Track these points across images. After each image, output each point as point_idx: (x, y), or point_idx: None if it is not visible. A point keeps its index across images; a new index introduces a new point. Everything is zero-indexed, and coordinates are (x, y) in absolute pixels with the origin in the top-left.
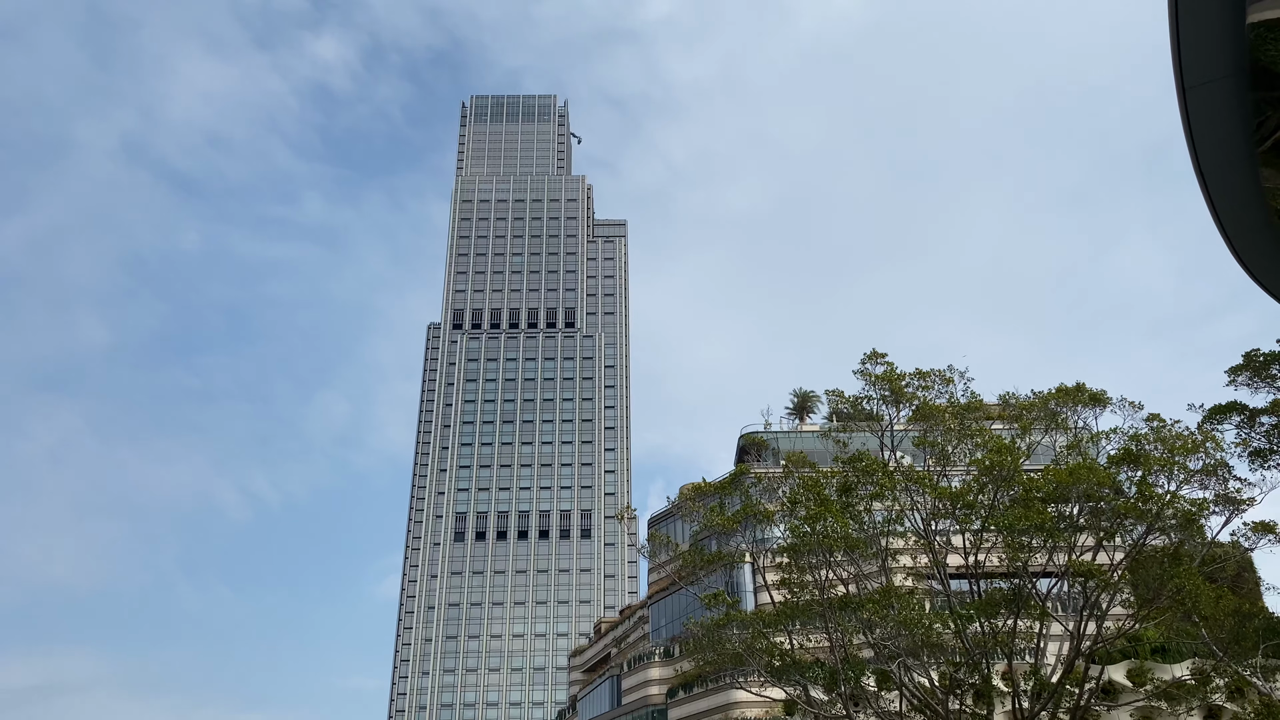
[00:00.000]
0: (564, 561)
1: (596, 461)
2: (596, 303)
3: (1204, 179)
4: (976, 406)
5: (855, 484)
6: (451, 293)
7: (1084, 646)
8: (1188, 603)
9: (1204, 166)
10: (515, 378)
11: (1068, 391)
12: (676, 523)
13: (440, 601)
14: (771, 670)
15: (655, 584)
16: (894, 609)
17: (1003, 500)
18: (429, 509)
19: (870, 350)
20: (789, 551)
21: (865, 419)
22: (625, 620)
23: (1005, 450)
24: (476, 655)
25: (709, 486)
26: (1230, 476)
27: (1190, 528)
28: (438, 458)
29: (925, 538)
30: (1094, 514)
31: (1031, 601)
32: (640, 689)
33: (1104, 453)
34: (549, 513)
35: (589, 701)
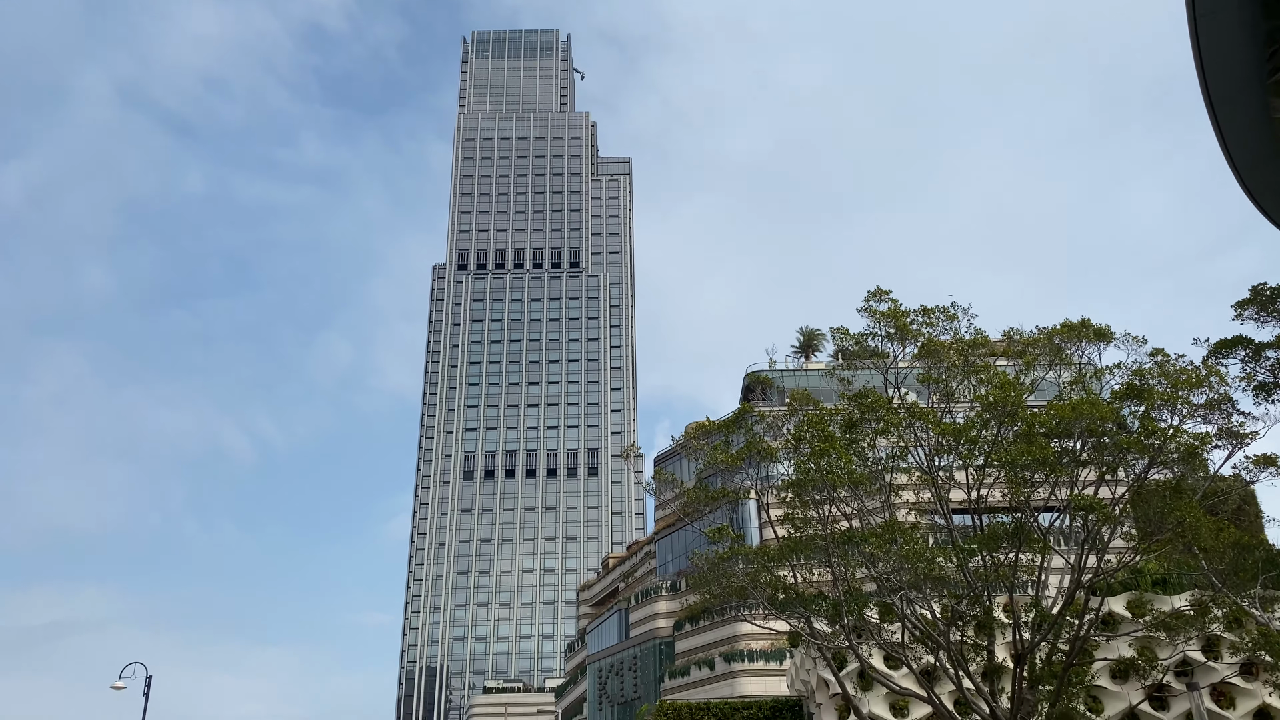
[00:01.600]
0: (571, 499)
1: (602, 401)
2: (601, 242)
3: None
4: (981, 343)
5: (859, 421)
6: (455, 232)
7: (1084, 579)
8: (1188, 535)
9: (1213, 96)
10: (521, 318)
11: (1072, 327)
12: (682, 461)
13: (450, 539)
14: (776, 603)
15: (661, 520)
16: (897, 543)
17: (1006, 436)
18: (438, 448)
19: (875, 287)
20: (793, 487)
21: (870, 356)
22: (632, 556)
23: (1009, 386)
24: (487, 590)
25: (714, 425)
26: (1234, 411)
27: (1192, 462)
28: (445, 398)
29: (928, 473)
30: (1096, 448)
31: (1033, 535)
32: (648, 622)
33: (1107, 388)
34: (556, 451)
35: (598, 634)
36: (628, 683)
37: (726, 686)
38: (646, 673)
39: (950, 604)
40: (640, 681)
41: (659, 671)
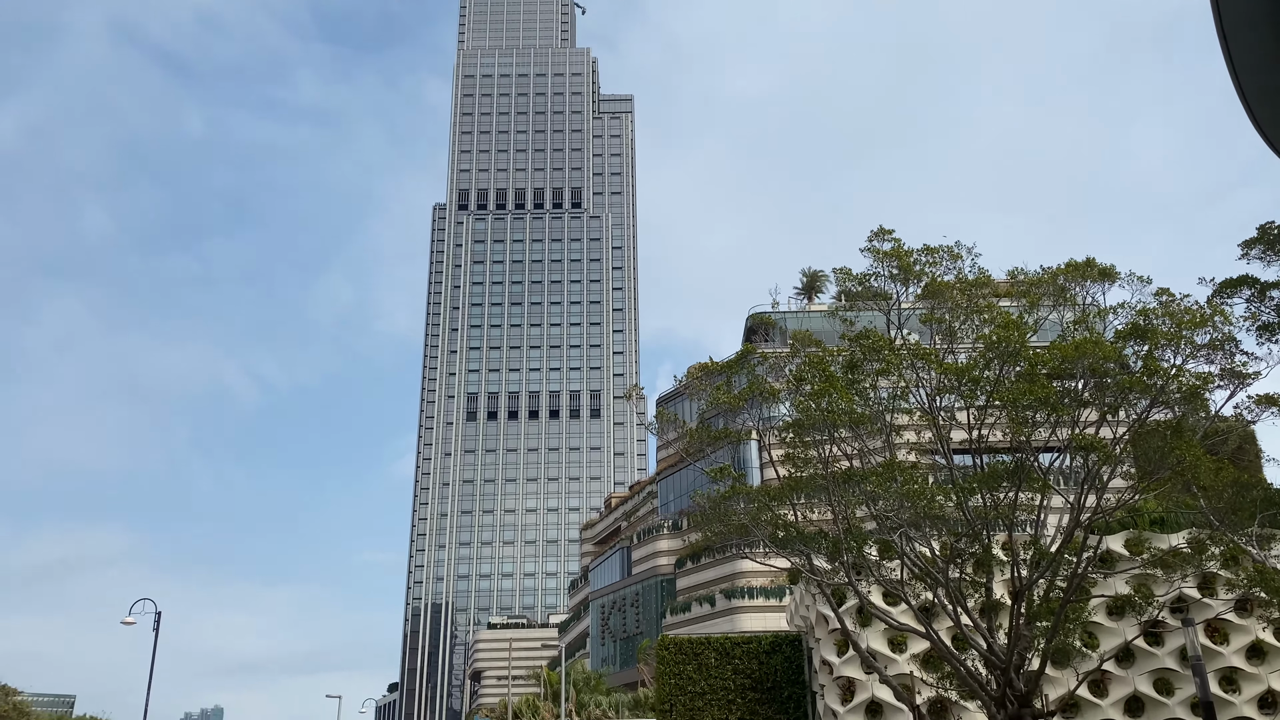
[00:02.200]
0: (574, 440)
1: (605, 343)
2: (603, 182)
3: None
4: (984, 282)
5: (861, 361)
6: (456, 172)
7: (1083, 518)
8: (1188, 474)
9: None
10: (522, 259)
11: (1077, 266)
12: (684, 402)
13: (454, 479)
14: (776, 541)
15: (663, 461)
16: (897, 482)
17: (1008, 376)
18: (440, 390)
19: (878, 227)
20: (794, 427)
21: (872, 298)
22: (635, 495)
23: (1012, 326)
24: (491, 529)
25: (716, 366)
26: (1237, 351)
27: (1194, 401)
28: (447, 339)
29: (930, 413)
30: (1098, 388)
31: (1033, 475)
32: (650, 560)
33: (1111, 328)
34: (559, 393)
35: (600, 571)
36: (630, 618)
37: (727, 622)
38: (648, 609)
39: (949, 542)
40: (642, 617)
41: (660, 608)
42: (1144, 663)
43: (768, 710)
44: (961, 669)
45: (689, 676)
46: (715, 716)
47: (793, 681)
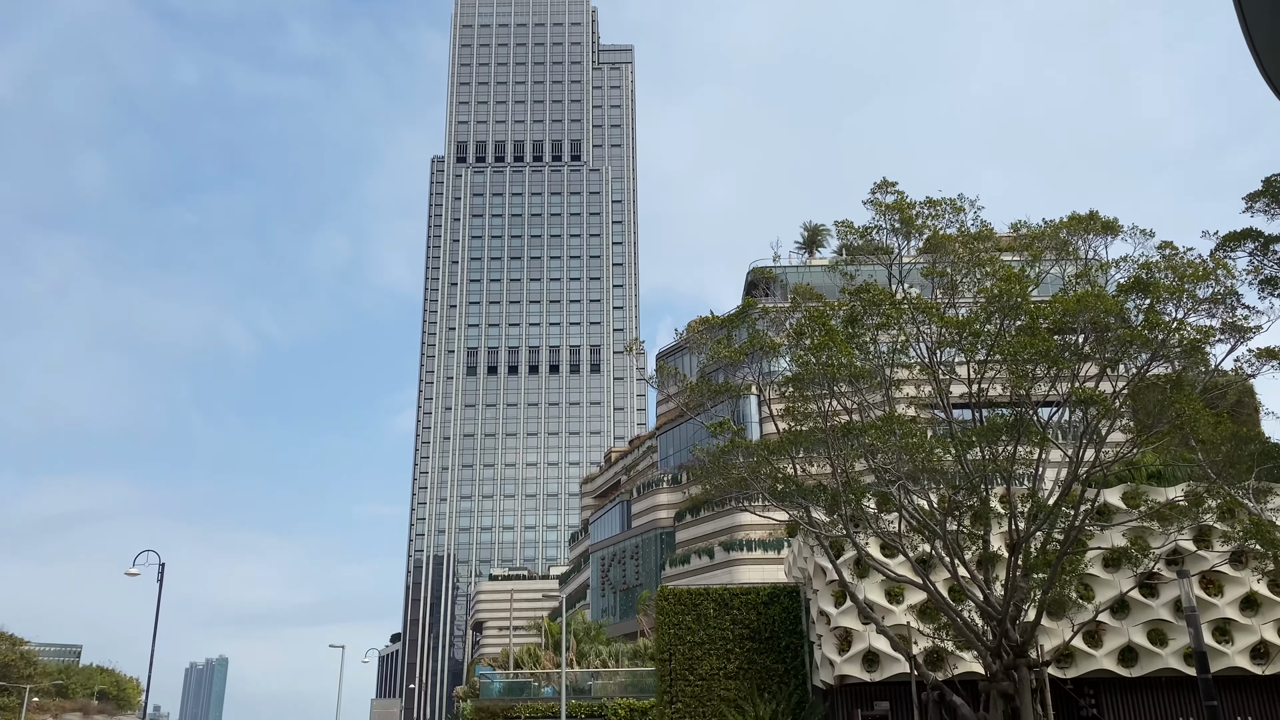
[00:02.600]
0: (574, 395)
1: (605, 298)
2: (602, 134)
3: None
4: (986, 235)
5: (861, 315)
6: (454, 124)
7: (1081, 472)
8: (1187, 427)
9: None
10: (522, 213)
11: (1079, 219)
12: (684, 356)
13: (455, 433)
14: (775, 494)
15: (663, 415)
16: (895, 435)
17: (1009, 329)
18: (440, 344)
19: (881, 179)
20: (793, 381)
21: (874, 251)
22: (634, 450)
23: (1014, 279)
24: (491, 483)
25: (717, 320)
26: (1238, 304)
27: (1194, 355)
28: (447, 293)
29: (929, 367)
30: (1099, 341)
31: (1032, 428)
32: (649, 513)
33: (1113, 281)
34: (559, 348)
35: (600, 524)
36: (629, 570)
37: (726, 574)
38: (648, 561)
39: (948, 495)
40: (641, 569)
41: (660, 560)
42: (1138, 614)
43: (765, 659)
44: (958, 620)
45: (688, 626)
46: (713, 665)
47: (790, 632)
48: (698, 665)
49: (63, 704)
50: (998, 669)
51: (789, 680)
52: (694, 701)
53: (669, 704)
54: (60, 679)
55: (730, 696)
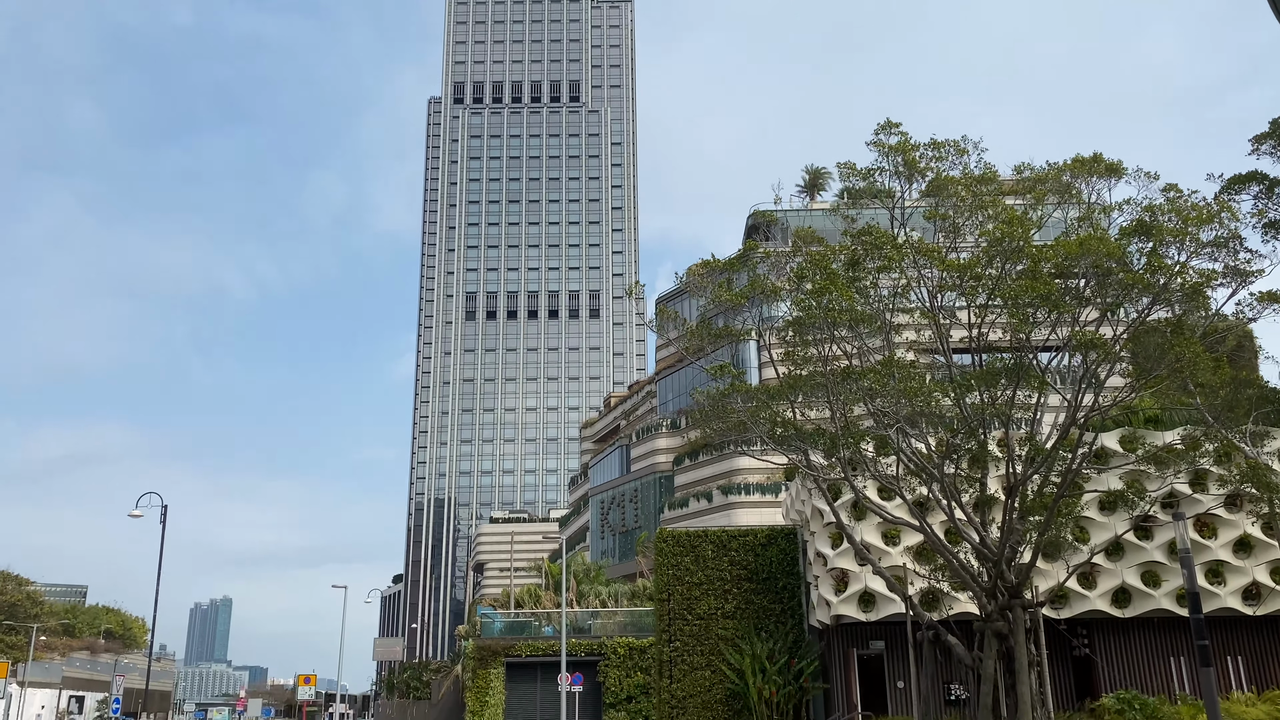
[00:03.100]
0: (573, 340)
1: (604, 242)
2: (602, 75)
3: None
4: (990, 178)
5: (862, 258)
6: (451, 64)
7: (1079, 417)
8: (1186, 371)
9: None
10: (520, 155)
11: (1083, 162)
12: (685, 301)
13: (455, 377)
14: (774, 438)
15: (663, 361)
16: (894, 378)
17: (1010, 273)
18: (439, 288)
19: (884, 120)
20: (794, 325)
21: (876, 195)
22: (634, 395)
23: (1016, 222)
24: (491, 427)
25: (718, 264)
26: (1241, 248)
27: (1196, 299)
28: (445, 237)
29: (930, 312)
30: (1100, 285)
31: (1032, 372)
32: (649, 457)
33: (1116, 225)
34: (558, 293)
35: (600, 469)
36: (629, 513)
37: (724, 517)
38: (646, 504)
39: (946, 438)
40: (640, 512)
41: (659, 503)
42: (1133, 556)
43: (763, 600)
44: (954, 561)
45: (686, 568)
46: (711, 605)
47: (787, 573)
48: (696, 605)
49: (70, 642)
50: (992, 610)
51: (786, 620)
52: (692, 640)
53: (667, 642)
54: (67, 619)
55: (728, 635)
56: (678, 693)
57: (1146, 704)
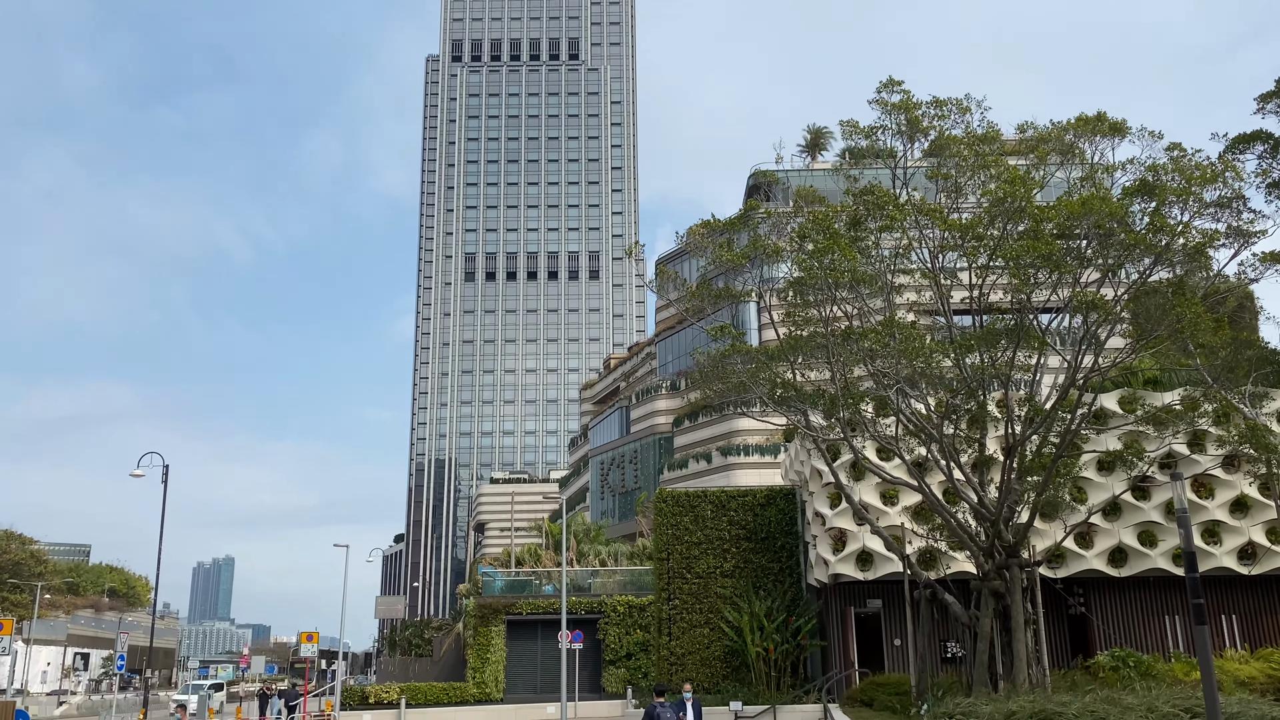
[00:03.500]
0: (573, 301)
1: (604, 202)
2: (601, 32)
3: None
4: (993, 137)
5: (864, 217)
6: (448, 21)
7: (1079, 378)
8: (1187, 332)
9: None
10: (519, 114)
11: (1087, 121)
12: (685, 262)
13: (454, 339)
14: (774, 399)
15: (662, 322)
16: (895, 339)
17: (1012, 233)
18: (438, 249)
19: (887, 78)
20: (795, 285)
21: (878, 154)
22: (633, 357)
23: (1019, 182)
24: (491, 389)
25: (719, 223)
26: (1245, 208)
27: (1198, 260)
28: (443, 198)
29: (931, 272)
30: (1102, 246)
31: (1032, 333)
32: (648, 419)
33: (1119, 185)
34: (557, 254)
35: (600, 430)
36: (628, 474)
37: (723, 478)
38: (646, 465)
39: (945, 399)
40: (640, 473)
41: (658, 464)
42: (1130, 516)
43: (761, 559)
44: (952, 521)
45: (686, 527)
46: (710, 564)
47: (786, 532)
48: (695, 564)
49: (74, 600)
50: (990, 569)
51: (784, 579)
52: (691, 599)
53: (666, 601)
54: (71, 577)
55: (726, 594)
56: (677, 650)
57: (1141, 661)
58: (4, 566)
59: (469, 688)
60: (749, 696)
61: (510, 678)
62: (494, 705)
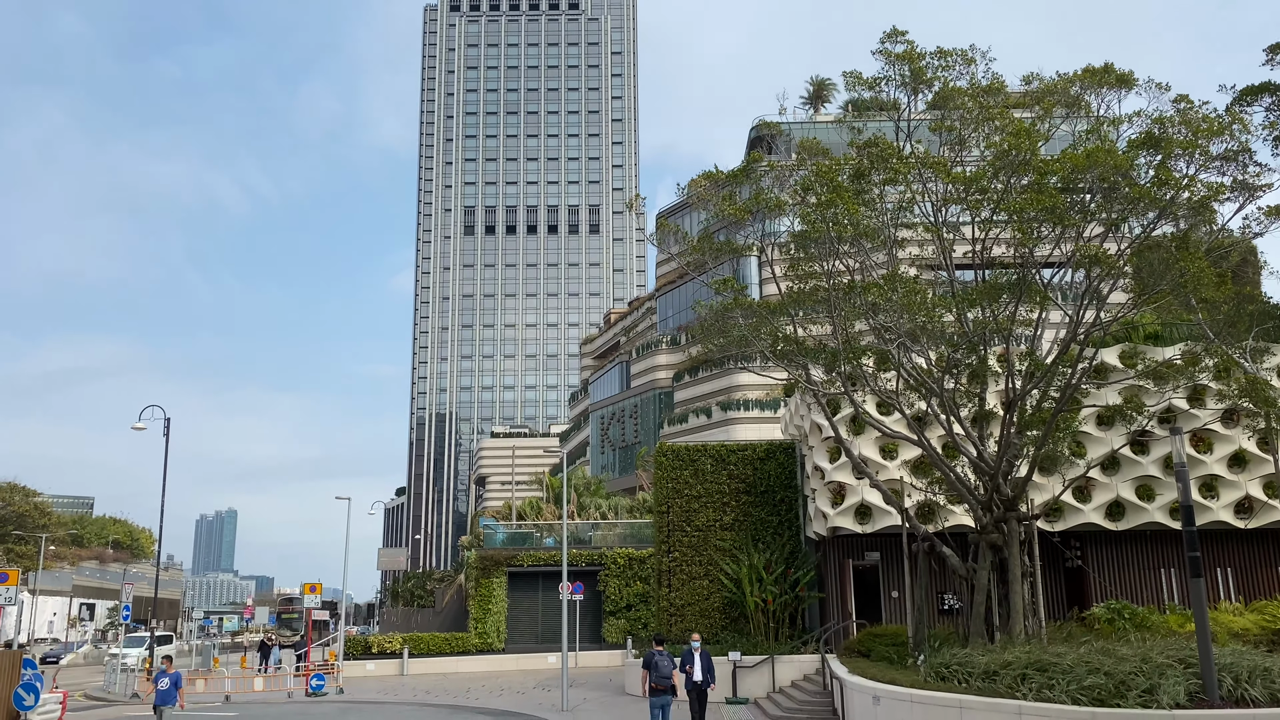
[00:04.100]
0: (573, 256)
1: (604, 155)
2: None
3: None
4: (998, 89)
5: (868, 170)
6: None
7: (1080, 333)
8: (1189, 286)
9: None
10: (518, 64)
11: (1093, 72)
12: (686, 215)
13: (454, 293)
14: (775, 353)
15: (663, 277)
16: (898, 293)
17: (1016, 186)
18: (437, 203)
19: (891, 28)
20: (798, 239)
21: (882, 107)
22: (634, 311)
23: (1024, 134)
24: (491, 343)
25: (721, 175)
26: (1251, 161)
27: (1202, 213)
28: (442, 150)
29: (934, 226)
30: (1106, 199)
31: (1034, 287)
32: (648, 373)
33: (1124, 138)
34: (557, 207)
35: (600, 385)
36: (628, 429)
37: (723, 433)
38: (646, 420)
39: (947, 353)
40: (640, 428)
41: (658, 419)
42: (1128, 470)
43: (761, 512)
44: (951, 475)
45: (685, 481)
46: (710, 518)
47: (785, 486)
48: (694, 517)
49: (79, 552)
50: (988, 522)
51: (783, 532)
52: (690, 551)
53: (666, 553)
54: (75, 529)
55: (725, 546)
56: (676, 601)
57: (1136, 613)
58: (8, 518)
59: (471, 637)
60: (748, 647)
61: (512, 628)
62: (496, 655)
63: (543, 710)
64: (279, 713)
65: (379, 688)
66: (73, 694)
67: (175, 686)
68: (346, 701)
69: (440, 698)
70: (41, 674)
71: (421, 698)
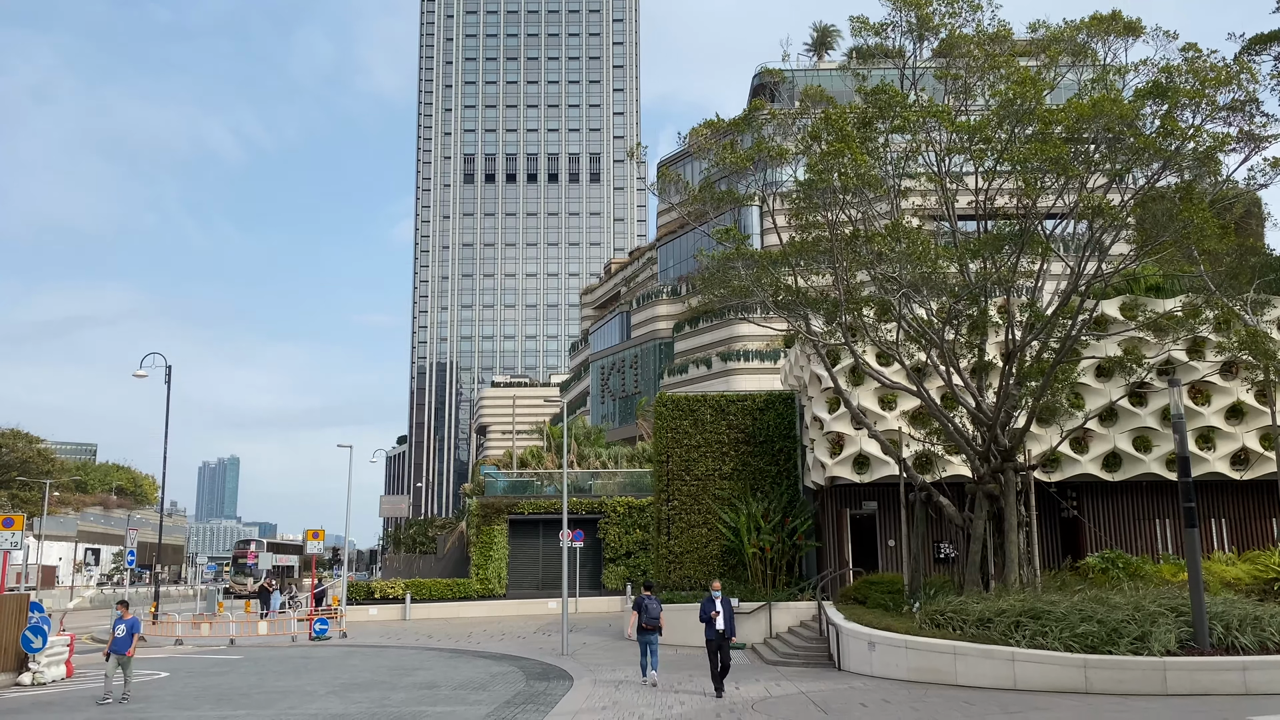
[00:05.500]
0: (573, 205)
1: (605, 103)
2: None
3: None
4: (1004, 36)
5: (874, 118)
6: None
7: (1081, 284)
8: (1192, 238)
9: None
10: (518, 9)
11: (1101, 20)
12: (688, 164)
13: (454, 242)
14: (776, 303)
15: (664, 227)
16: (901, 243)
17: (1020, 136)
18: (436, 151)
19: None
20: (804, 187)
21: (888, 55)
22: (634, 261)
23: (1029, 83)
24: (491, 293)
25: (723, 124)
26: (1258, 112)
27: (1207, 164)
28: (441, 97)
29: (937, 175)
30: (1111, 149)
31: (1036, 238)
32: (649, 324)
33: (1130, 87)
34: (558, 156)
35: (600, 335)
36: (628, 379)
37: (722, 383)
38: (646, 370)
39: (948, 304)
40: (640, 378)
41: (658, 369)
42: (1126, 421)
43: (759, 462)
44: (949, 425)
45: (685, 431)
46: (709, 467)
47: (784, 436)
48: (694, 467)
49: (83, 498)
50: (985, 472)
51: (781, 481)
52: (689, 500)
53: (665, 502)
54: (78, 475)
55: (724, 495)
56: (675, 548)
57: (1130, 562)
58: (12, 464)
59: (472, 583)
60: (745, 593)
61: (513, 574)
62: (497, 600)
63: (543, 654)
64: (283, 655)
65: (382, 632)
66: (79, 637)
67: (131, 633)
68: (350, 645)
69: (442, 642)
70: (49, 617)
71: (424, 642)
